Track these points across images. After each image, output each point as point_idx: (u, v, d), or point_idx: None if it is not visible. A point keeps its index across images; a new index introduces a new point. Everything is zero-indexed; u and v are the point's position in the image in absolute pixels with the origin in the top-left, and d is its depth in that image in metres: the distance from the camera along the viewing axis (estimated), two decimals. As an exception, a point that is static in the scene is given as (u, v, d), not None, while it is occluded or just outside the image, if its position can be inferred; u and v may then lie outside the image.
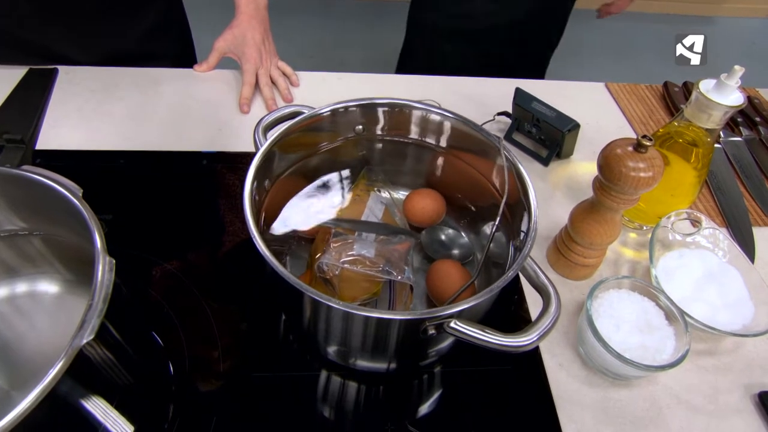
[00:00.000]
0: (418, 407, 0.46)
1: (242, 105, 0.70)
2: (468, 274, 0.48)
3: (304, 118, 0.48)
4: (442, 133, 0.51)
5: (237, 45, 0.73)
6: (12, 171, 0.36)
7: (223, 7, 0.87)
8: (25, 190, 0.37)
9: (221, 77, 0.77)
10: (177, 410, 0.44)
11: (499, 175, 0.47)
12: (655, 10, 2.78)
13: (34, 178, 0.36)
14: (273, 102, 0.71)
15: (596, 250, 0.54)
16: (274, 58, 0.76)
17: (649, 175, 0.45)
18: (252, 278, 0.52)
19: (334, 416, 0.45)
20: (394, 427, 0.44)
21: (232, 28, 0.74)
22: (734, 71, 0.49)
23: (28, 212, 0.39)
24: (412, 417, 0.45)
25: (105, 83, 0.71)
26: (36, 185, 0.36)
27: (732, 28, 2.71)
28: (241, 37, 0.73)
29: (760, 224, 0.65)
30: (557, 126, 0.65)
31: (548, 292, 0.39)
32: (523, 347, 0.36)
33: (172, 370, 0.45)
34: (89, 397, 0.36)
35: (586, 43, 2.42)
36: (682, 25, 2.71)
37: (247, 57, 0.72)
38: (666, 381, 0.49)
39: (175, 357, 0.46)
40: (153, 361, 0.46)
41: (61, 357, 0.28)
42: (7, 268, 0.42)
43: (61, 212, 0.36)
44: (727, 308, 0.52)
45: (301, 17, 2.40)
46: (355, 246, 0.43)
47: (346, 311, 0.34)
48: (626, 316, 0.49)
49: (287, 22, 2.39)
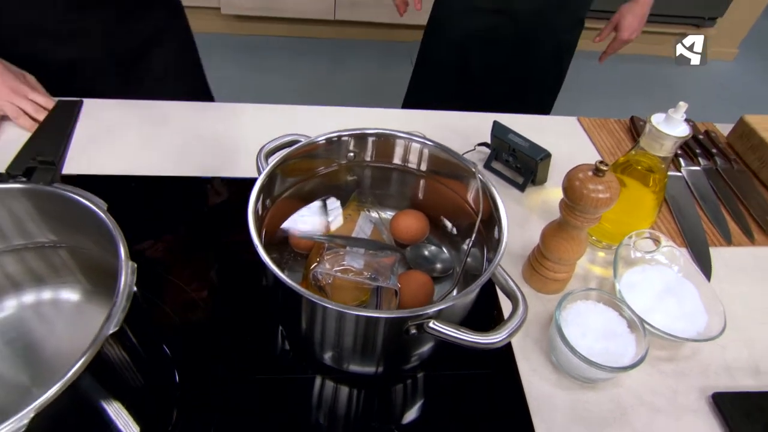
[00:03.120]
0: (403, 409, 0.50)
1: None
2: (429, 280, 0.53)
3: (301, 146, 0.53)
4: (425, 160, 0.57)
5: None
6: (46, 188, 0.41)
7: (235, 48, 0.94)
8: (57, 205, 0.41)
9: (225, 110, 0.82)
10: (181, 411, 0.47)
11: (475, 197, 0.52)
12: (631, 52, 2.92)
13: (66, 194, 0.40)
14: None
15: (565, 266, 0.59)
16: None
17: (607, 195, 0.50)
18: (253, 292, 0.56)
19: (324, 417, 0.48)
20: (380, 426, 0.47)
21: None
22: (679, 106, 0.55)
23: (58, 225, 0.43)
24: (397, 418, 0.49)
25: (122, 114, 0.76)
26: (67, 200, 0.40)
27: (703, 69, 2.84)
28: None
29: (716, 245, 0.70)
30: (531, 155, 0.70)
31: (516, 296, 0.43)
32: (494, 344, 0.40)
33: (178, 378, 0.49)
34: (105, 394, 0.39)
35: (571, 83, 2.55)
36: (657, 66, 2.85)
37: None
38: (630, 384, 0.53)
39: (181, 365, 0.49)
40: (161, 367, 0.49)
41: (89, 346, 0.32)
42: (35, 276, 0.46)
43: (87, 225, 0.41)
44: (683, 318, 0.56)
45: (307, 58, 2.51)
46: (346, 258, 0.48)
47: (339, 311, 0.39)
48: (592, 325, 0.53)
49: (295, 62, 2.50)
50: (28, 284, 0.46)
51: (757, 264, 0.68)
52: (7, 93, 0.68)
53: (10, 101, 0.69)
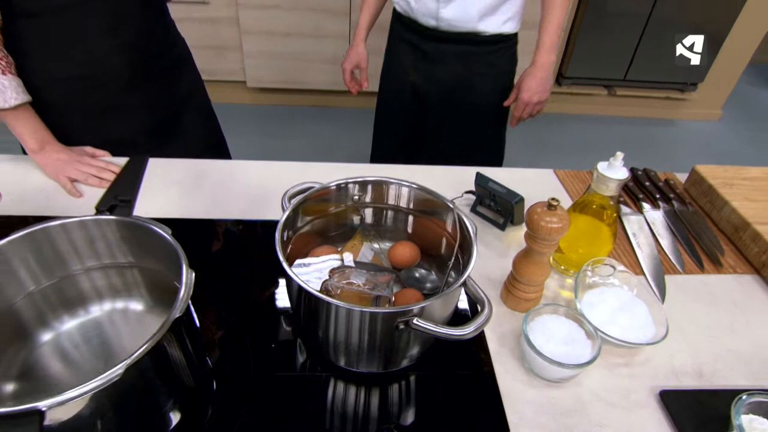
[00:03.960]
0: (399, 401, 0.60)
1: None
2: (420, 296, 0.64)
3: (316, 190, 0.67)
4: (413, 201, 0.70)
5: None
6: (128, 219, 0.54)
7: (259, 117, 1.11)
8: (135, 232, 0.55)
9: (250, 166, 0.97)
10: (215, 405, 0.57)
11: (453, 228, 0.65)
12: (625, 115, 3.12)
13: (143, 223, 0.54)
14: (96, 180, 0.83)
15: (534, 287, 0.70)
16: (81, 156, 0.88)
17: (559, 225, 0.62)
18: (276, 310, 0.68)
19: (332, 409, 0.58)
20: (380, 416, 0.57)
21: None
22: (617, 156, 0.68)
23: (134, 249, 0.56)
24: (395, 409, 0.59)
25: (168, 169, 0.92)
26: (143, 228, 0.54)
27: (690, 129, 3.01)
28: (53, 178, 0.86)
29: (671, 273, 0.80)
30: (508, 199, 0.83)
31: (483, 301, 0.54)
32: (464, 336, 0.51)
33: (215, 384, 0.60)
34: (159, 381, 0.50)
35: (561, 143, 2.72)
36: (648, 127, 3.03)
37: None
38: (589, 384, 0.63)
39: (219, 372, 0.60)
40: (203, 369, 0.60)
41: (160, 327, 0.44)
42: (113, 290, 0.58)
43: (156, 247, 0.54)
44: (634, 329, 0.66)
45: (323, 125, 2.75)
46: (352, 276, 0.60)
47: (345, 308, 0.51)
48: (555, 333, 0.64)
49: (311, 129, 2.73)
50: (108, 295, 0.58)
51: (705, 289, 0.78)
52: (73, 165, 0.85)
53: (77, 169, 0.85)
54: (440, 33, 1.19)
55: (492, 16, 1.16)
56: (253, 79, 2.75)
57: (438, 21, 1.17)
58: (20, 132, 0.82)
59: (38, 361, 0.53)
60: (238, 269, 0.75)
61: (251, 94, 2.87)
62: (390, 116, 1.41)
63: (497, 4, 1.15)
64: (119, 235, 0.55)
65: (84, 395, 0.38)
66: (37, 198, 0.82)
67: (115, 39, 0.86)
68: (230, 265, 0.76)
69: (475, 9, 1.13)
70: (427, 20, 1.18)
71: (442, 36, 1.19)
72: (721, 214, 0.90)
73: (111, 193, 0.59)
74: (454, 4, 1.13)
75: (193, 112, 1.07)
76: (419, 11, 1.19)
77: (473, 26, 1.16)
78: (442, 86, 1.26)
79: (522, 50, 1.29)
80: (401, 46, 1.29)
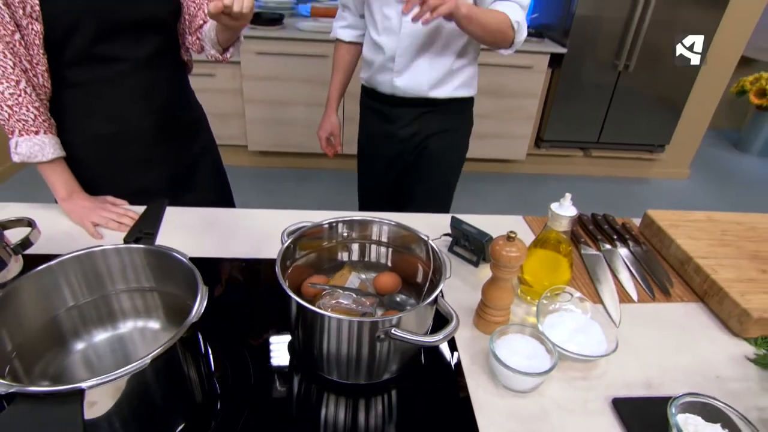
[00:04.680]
0: (382, 410, 0.67)
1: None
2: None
3: (310, 227, 0.77)
4: (395, 237, 0.80)
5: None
6: (152, 247, 0.64)
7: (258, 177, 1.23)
8: (157, 259, 0.64)
9: (256, 214, 1.08)
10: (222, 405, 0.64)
11: (427, 257, 0.75)
12: (601, 174, 3.31)
13: (164, 251, 0.64)
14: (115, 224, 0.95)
15: (500, 311, 0.78)
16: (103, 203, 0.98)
17: (517, 254, 0.72)
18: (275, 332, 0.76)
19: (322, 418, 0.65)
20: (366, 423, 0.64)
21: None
22: (566, 197, 0.80)
23: (156, 274, 0.65)
24: (378, 417, 0.65)
25: (182, 215, 1.02)
26: (164, 255, 0.63)
27: (662, 187, 3.19)
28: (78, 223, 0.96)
29: (625, 302, 0.89)
30: (479, 238, 0.94)
31: (451, 314, 0.63)
32: (435, 342, 0.60)
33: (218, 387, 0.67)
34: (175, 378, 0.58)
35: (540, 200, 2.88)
36: (623, 185, 3.20)
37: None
38: (551, 394, 0.70)
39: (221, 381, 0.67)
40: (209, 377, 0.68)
41: (179, 329, 0.53)
42: (136, 311, 0.67)
43: (175, 271, 0.63)
44: (590, 346, 0.74)
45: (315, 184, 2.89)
46: (340, 298, 0.69)
47: (333, 318, 0.59)
48: (519, 350, 0.72)
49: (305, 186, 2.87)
50: (131, 315, 0.67)
51: (656, 315, 0.87)
52: (97, 212, 0.96)
53: (100, 215, 0.96)
54: (397, 99, 1.34)
55: (442, 86, 1.30)
56: (254, 143, 2.93)
57: (393, 89, 1.32)
58: (53, 182, 0.94)
59: (70, 366, 0.60)
60: (242, 299, 0.84)
61: (251, 156, 3.05)
62: (369, 173, 1.56)
63: (445, 75, 1.29)
64: (145, 261, 0.64)
65: (118, 378, 0.46)
66: (63, 240, 0.91)
67: (145, 104, 1.00)
68: (235, 296, 0.84)
69: (425, 79, 1.28)
70: (385, 88, 1.34)
71: (399, 101, 1.34)
72: (669, 250, 1.00)
73: (136, 227, 0.69)
74: (406, 75, 1.28)
75: (206, 167, 1.19)
76: (378, 81, 1.35)
77: (425, 94, 1.31)
78: (402, 145, 1.40)
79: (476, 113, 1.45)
80: (367, 111, 1.46)
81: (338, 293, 0.70)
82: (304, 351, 0.69)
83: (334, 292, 0.70)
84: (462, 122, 1.42)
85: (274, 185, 2.90)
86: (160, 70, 1.02)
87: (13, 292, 0.53)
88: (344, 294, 0.70)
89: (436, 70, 1.27)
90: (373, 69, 1.34)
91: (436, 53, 1.26)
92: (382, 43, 1.27)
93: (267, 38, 2.61)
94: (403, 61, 1.27)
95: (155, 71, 1.00)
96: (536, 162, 3.25)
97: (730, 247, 0.97)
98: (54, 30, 0.87)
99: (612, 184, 3.19)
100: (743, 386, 0.73)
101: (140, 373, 0.48)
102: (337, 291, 0.72)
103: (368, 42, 1.35)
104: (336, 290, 0.72)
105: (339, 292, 0.71)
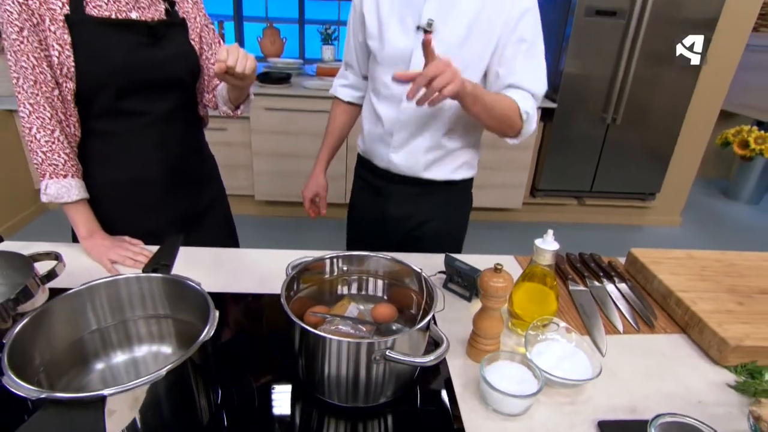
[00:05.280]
0: None
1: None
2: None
3: (312, 261, 0.83)
4: (391, 271, 0.86)
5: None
6: (167, 276, 0.70)
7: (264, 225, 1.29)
8: (172, 287, 0.69)
9: (260, 254, 1.14)
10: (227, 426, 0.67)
11: (420, 288, 0.80)
12: (595, 221, 3.37)
13: (179, 279, 0.69)
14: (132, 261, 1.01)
15: (490, 339, 0.82)
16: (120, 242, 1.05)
17: (503, 284, 0.77)
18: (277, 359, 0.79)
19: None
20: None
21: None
22: (548, 233, 0.86)
23: (171, 302, 0.70)
24: (373, 436, 0.68)
25: (194, 255, 1.08)
26: (179, 283, 0.69)
27: (655, 233, 3.25)
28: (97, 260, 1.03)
29: (611, 333, 0.93)
30: (471, 274, 0.99)
31: (442, 338, 0.68)
32: (427, 363, 0.64)
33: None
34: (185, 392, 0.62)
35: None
36: (617, 232, 3.26)
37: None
38: (539, 417, 0.73)
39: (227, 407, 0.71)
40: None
41: (193, 345, 0.57)
42: (151, 336, 0.71)
43: (188, 298, 0.68)
44: (576, 373, 0.78)
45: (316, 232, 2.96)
46: (340, 325, 0.74)
47: (332, 339, 0.64)
48: (508, 375, 0.75)
49: (308, 235, 2.94)
50: (146, 340, 0.72)
51: (640, 345, 0.90)
52: (114, 250, 1.03)
53: (117, 253, 1.02)
54: (392, 175, 1.24)
55: (438, 166, 1.21)
56: (260, 193, 3.03)
57: (389, 164, 1.23)
58: (76, 221, 1.01)
59: (89, 383, 0.64)
60: (248, 330, 0.88)
61: (258, 206, 3.14)
62: (359, 242, 1.46)
63: (441, 156, 1.20)
64: (162, 289, 0.70)
65: (136, 387, 0.51)
66: (83, 275, 0.96)
67: (160, 154, 1.08)
68: (241, 327, 0.89)
69: (421, 159, 1.19)
70: (381, 162, 1.25)
71: (395, 178, 1.24)
72: (652, 285, 1.05)
73: (154, 259, 0.75)
74: (403, 151, 1.19)
75: (216, 215, 1.27)
76: (374, 153, 1.26)
77: (420, 174, 1.22)
78: (395, 225, 1.30)
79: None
80: (360, 182, 1.37)
81: (338, 321, 0.75)
82: (306, 375, 0.73)
83: (334, 320, 0.75)
84: (461, 204, 1.33)
85: (279, 233, 2.98)
86: (177, 123, 1.11)
87: (47, 311, 0.59)
88: (343, 321, 0.75)
89: (434, 150, 1.19)
90: (370, 140, 1.26)
91: (437, 132, 1.17)
92: (382, 114, 1.19)
93: (275, 95, 2.77)
94: (402, 136, 1.18)
95: (172, 124, 1.10)
96: (532, 210, 3.33)
97: (709, 282, 1.01)
98: (84, 88, 0.98)
99: (607, 231, 3.26)
100: (724, 411, 0.76)
101: (155, 385, 0.53)
102: (336, 319, 0.76)
103: (368, 109, 1.27)
104: (336, 318, 0.77)
105: (338, 320, 0.75)
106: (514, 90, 1.10)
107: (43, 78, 0.94)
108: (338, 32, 3.37)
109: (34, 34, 0.91)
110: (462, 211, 1.35)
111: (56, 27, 0.91)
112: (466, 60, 1.07)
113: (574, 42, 2.87)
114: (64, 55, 0.93)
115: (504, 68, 1.10)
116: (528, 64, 1.10)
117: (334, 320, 0.75)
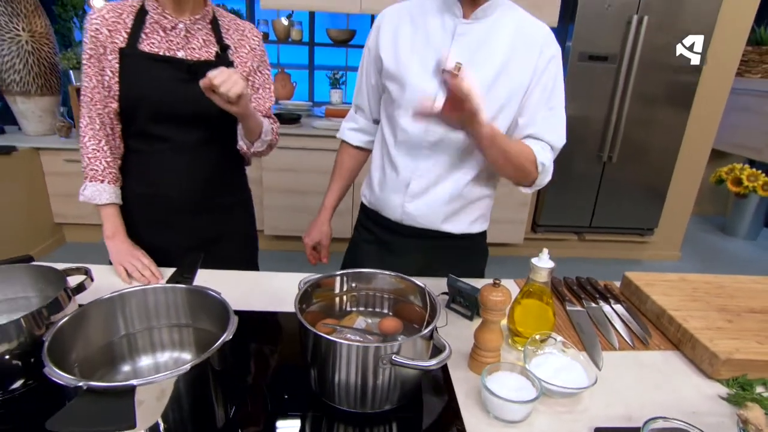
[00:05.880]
0: (385, 440, 0.72)
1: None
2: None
3: (323, 277, 0.88)
4: (397, 288, 0.90)
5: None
6: (190, 287, 0.75)
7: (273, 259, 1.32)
8: (194, 297, 0.74)
9: (274, 276, 1.18)
10: None
11: (423, 303, 0.84)
12: (595, 256, 3.40)
13: (201, 289, 0.74)
14: (142, 276, 1.07)
15: (491, 352, 0.86)
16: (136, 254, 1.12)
17: (502, 298, 0.82)
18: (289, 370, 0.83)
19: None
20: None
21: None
22: (543, 251, 0.90)
23: (193, 312, 0.75)
24: (379, 440, 0.71)
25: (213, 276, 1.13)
26: (200, 292, 0.74)
27: (654, 267, 3.26)
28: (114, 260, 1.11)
29: (607, 350, 0.96)
30: (472, 293, 1.03)
31: (444, 345, 0.71)
32: (431, 367, 0.68)
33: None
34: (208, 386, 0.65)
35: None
36: (617, 266, 3.28)
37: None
38: (539, 425, 0.75)
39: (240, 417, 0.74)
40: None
41: (214, 345, 0.62)
42: (173, 344, 0.76)
43: (209, 307, 0.73)
44: (573, 383, 0.81)
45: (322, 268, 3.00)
46: (348, 335, 0.77)
47: (342, 343, 0.68)
48: (508, 384, 0.78)
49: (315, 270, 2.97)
50: (168, 347, 0.76)
51: (635, 360, 0.93)
52: (128, 258, 1.10)
53: (130, 263, 1.09)
54: (404, 228, 1.15)
55: (457, 217, 1.14)
56: (270, 228, 3.09)
57: (403, 215, 1.14)
58: (104, 221, 1.13)
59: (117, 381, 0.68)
60: (263, 344, 0.92)
61: (267, 241, 3.20)
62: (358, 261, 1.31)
63: (462, 205, 1.13)
64: (185, 299, 0.74)
65: (162, 380, 0.55)
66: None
67: (181, 179, 1.16)
68: (256, 341, 0.92)
69: (441, 209, 1.11)
70: (393, 213, 1.15)
71: (406, 231, 1.15)
72: (646, 306, 1.08)
73: (177, 272, 0.80)
74: (420, 200, 1.11)
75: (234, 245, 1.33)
76: (385, 203, 1.16)
77: (437, 226, 1.13)
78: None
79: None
80: (365, 233, 1.26)
81: (347, 331, 0.79)
82: (318, 383, 0.76)
83: (344, 331, 0.79)
84: (477, 258, 1.26)
85: (285, 265, 3.01)
86: (207, 154, 1.19)
87: (85, 312, 0.63)
88: (352, 332, 0.79)
89: (455, 200, 1.11)
90: (382, 189, 1.16)
91: (458, 180, 1.10)
92: (398, 161, 1.10)
93: (286, 134, 2.89)
94: (420, 184, 1.10)
95: (198, 155, 1.17)
96: (533, 245, 3.36)
97: (699, 302, 1.05)
98: (124, 109, 1.12)
99: (607, 265, 3.28)
100: (718, 420, 0.78)
101: (178, 380, 0.57)
102: (346, 330, 0.80)
103: (379, 156, 1.17)
104: (345, 329, 0.81)
105: (348, 331, 0.79)
106: (533, 141, 1.06)
107: (99, 97, 1.10)
108: (345, 77, 3.53)
109: (98, 61, 1.08)
110: (478, 266, 1.27)
111: (113, 57, 1.08)
112: (491, 107, 1.02)
113: (570, 85, 2.99)
114: (114, 80, 1.09)
115: (525, 118, 1.06)
116: (549, 116, 1.06)
117: (343, 331, 0.79)
